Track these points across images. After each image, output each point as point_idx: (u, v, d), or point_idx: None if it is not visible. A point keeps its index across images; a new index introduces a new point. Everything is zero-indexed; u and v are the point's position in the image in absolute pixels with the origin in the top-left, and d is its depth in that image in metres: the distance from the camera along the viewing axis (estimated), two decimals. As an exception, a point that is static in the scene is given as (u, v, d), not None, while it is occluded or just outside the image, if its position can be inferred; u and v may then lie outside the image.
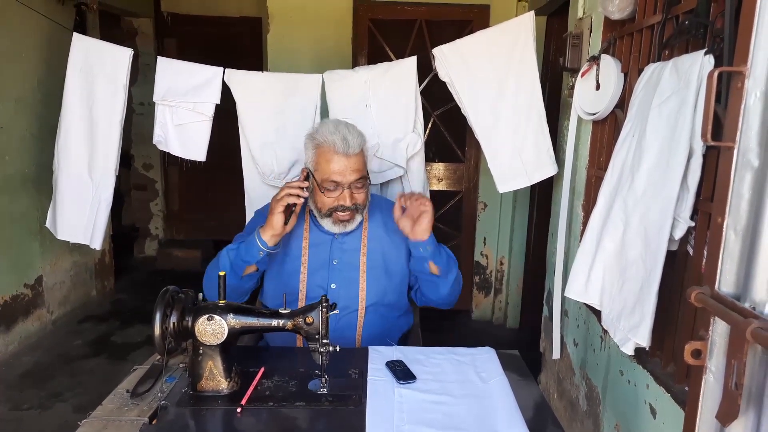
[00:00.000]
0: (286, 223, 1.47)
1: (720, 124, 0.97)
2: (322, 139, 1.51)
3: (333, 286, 1.59)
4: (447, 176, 3.54)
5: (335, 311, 1.25)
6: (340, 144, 1.49)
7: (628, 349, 1.34)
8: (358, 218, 1.57)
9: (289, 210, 1.46)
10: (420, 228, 1.51)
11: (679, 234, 1.25)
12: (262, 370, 1.31)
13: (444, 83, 2.06)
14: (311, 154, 1.55)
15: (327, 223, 1.56)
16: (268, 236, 1.47)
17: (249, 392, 1.21)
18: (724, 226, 0.87)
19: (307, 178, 1.50)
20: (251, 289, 1.63)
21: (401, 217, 1.55)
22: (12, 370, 2.80)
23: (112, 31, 4.07)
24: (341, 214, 1.53)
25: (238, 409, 1.16)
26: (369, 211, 1.65)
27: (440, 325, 3.49)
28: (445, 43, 2.01)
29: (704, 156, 1.19)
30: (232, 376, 1.23)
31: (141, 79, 4.05)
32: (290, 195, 1.45)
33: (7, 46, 2.83)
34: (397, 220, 1.55)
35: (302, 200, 1.47)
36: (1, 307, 2.84)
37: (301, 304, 1.58)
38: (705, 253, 1.23)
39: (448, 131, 3.45)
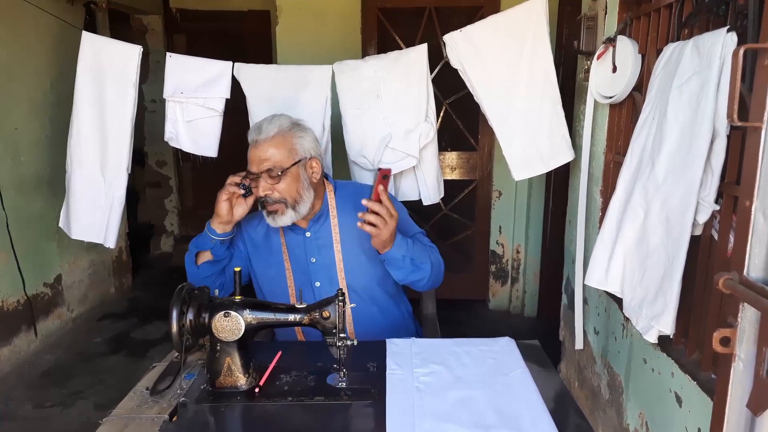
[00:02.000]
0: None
1: (745, 104, 0.93)
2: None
3: (317, 284, 1.57)
4: (460, 165, 3.51)
5: (353, 304, 1.25)
6: (254, 133, 1.49)
7: (652, 337, 1.32)
8: (290, 213, 1.47)
9: (235, 197, 1.51)
10: (375, 242, 1.44)
11: (702, 218, 1.22)
12: (279, 354, 1.32)
13: (455, 71, 2.02)
14: None
15: (265, 215, 1.51)
16: (216, 224, 1.52)
17: (267, 373, 1.23)
18: (752, 209, 0.84)
19: None
20: (215, 281, 1.60)
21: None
22: (34, 369, 2.84)
23: (121, 29, 4.08)
24: (268, 206, 1.48)
25: (256, 390, 1.19)
26: (337, 202, 1.59)
27: (457, 314, 3.48)
28: (455, 29, 1.97)
29: (728, 137, 1.15)
30: (250, 371, 1.23)
31: (152, 76, 4.05)
32: (232, 184, 1.50)
33: (19, 48, 2.84)
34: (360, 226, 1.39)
35: (242, 190, 1.49)
36: (22, 306, 2.88)
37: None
38: (731, 237, 1.19)
39: (460, 119, 3.42)
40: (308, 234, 1.57)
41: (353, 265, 1.56)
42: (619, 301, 1.59)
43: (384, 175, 1.40)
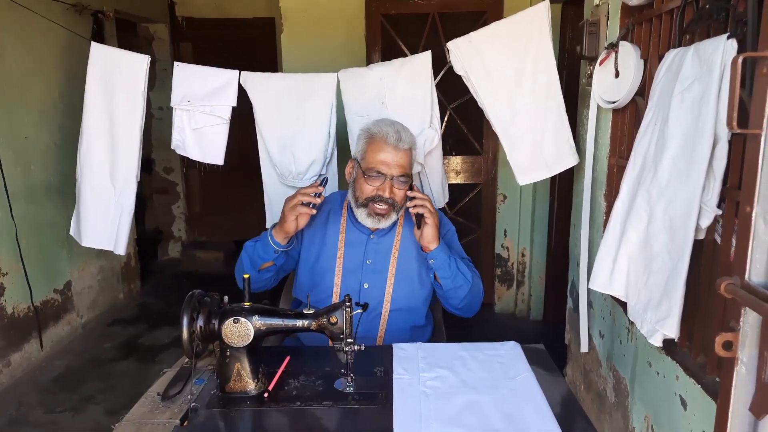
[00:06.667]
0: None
1: (746, 111, 0.95)
2: (377, 130, 1.56)
3: (366, 285, 1.61)
4: (465, 169, 3.53)
5: (361, 311, 1.27)
6: (393, 136, 1.54)
7: (656, 341, 1.32)
8: (393, 216, 1.58)
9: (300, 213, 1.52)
10: (422, 233, 1.53)
11: (705, 223, 1.23)
12: (288, 359, 1.34)
13: (460, 76, 2.04)
14: (362, 143, 1.59)
15: (361, 214, 1.56)
16: (281, 237, 1.54)
17: (276, 378, 1.25)
18: (753, 215, 0.86)
19: (322, 184, 1.54)
20: (272, 279, 1.66)
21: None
22: (45, 374, 2.87)
23: (129, 38, 4.12)
24: (378, 206, 1.54)
25: (265, 394, 1.21)
26: (405, 215, 1.65)
27: (463, 319, 3.47)
28: (459, 36, 1.99)
29: (730, 142, 1.16)
30: (260, 376, 1.24)
31: (159, 84, 4.10)
32: (303, 204, 1.50)
33: (29, 58, 2.89)
34: (413, 211, 1.56)
35: (313, 208, 1.50)
36: (32, 313, 2.92)
37: (335, 301, 1.60)
38: (733, 242, 1.20)
39: (464, 124, 3.43)
40: (372, 237, 1.63)
41: (403, 276, 1.62)
42: (624, 305, 1.60)
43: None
